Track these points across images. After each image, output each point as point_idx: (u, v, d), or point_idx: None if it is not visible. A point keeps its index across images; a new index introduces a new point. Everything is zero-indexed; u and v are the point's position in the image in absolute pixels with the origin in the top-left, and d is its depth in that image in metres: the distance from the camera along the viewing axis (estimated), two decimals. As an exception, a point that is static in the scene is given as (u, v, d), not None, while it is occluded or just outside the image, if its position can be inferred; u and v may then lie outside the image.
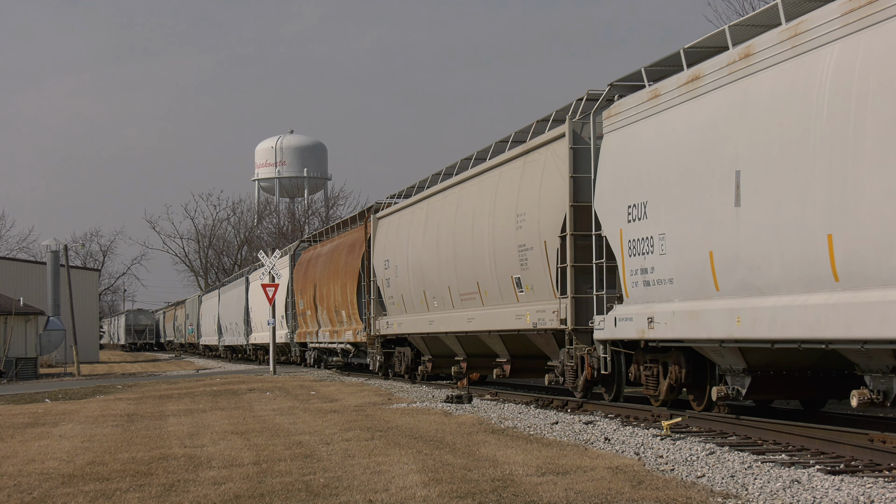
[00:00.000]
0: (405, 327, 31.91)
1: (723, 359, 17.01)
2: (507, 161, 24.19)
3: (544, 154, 22.01)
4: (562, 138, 21.11)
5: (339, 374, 41.67)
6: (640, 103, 18.36)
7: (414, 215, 31.08)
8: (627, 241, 18.42)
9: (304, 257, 48.42)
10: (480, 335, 26.10)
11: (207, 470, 14.16)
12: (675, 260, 17.06)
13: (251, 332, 62.03)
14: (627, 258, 18.48)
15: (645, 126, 18.14)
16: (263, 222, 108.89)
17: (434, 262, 28.59)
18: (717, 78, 16.19)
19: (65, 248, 66.01)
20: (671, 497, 11.17)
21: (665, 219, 17.33)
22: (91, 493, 12.69)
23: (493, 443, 15.90)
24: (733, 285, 15.72)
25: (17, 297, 58.06)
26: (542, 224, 21.64)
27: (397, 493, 11.94)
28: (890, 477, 12.24)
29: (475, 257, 25.39)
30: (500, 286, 23.98)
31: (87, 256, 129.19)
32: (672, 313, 17.15)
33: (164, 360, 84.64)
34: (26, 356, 55.34)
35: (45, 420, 23.70)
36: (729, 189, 15.61)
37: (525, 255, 22.44)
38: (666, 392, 18.51)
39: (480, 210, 25.22)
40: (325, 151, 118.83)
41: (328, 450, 15.73)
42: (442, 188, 28.91)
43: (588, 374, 20.44)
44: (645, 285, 17.94)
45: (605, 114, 19.68)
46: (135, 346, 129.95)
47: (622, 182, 18.73)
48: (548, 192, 21.52)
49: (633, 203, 18.18)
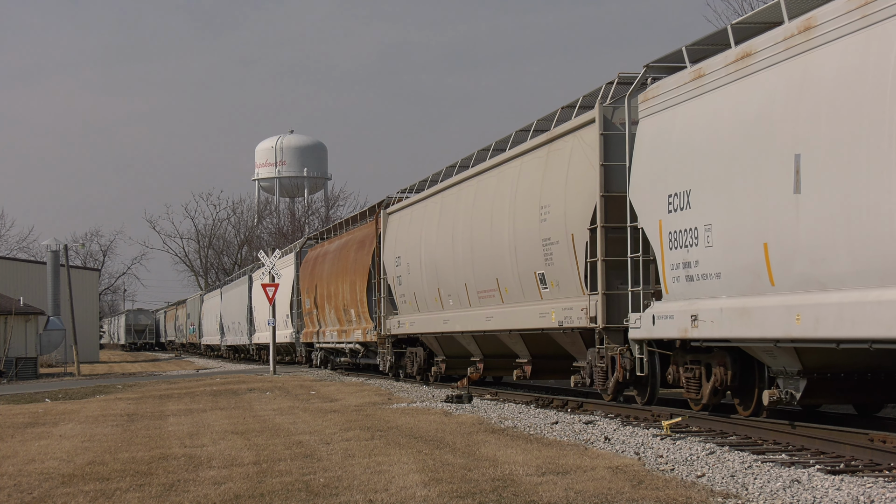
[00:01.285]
0: (418, 327, 30.17)
1: (775, 360, 15.40)
2: (530, 150, 22.39)
3: (571, 142, 20.34)
4: (591, 124, 19.44)
5: (339, 374, 41.07)
6: (681, 84, 16.71)
7: (427, 210, 29.30)
8: (668, 232, 16.76)
9: (311, 255, 46.61)
10: (499, 335, 24.44)
11: (207, 470, 14.04)
12: (724, 253, 15.43)
13: (254, 331, 60.59)
14: (667, 251, 16.81)
15: (687, 109, 16.49)
16: (263, 222, 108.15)
17: (449, 258, 26.88)
18: (772, 54, 14.54)
19: (65, 248, 65.49)
20: (671, 497, 11.06)
21: (712, 208, 15.68)
22: (91, 493, 12.56)
23: (493, 442, 15.72)
24: (792, 280, 14.09)
25: (17, 297, 57.63)
26: (569, 216, 20.02)
27: (397, 492, 11.83)
28: (890, 477, 12.05)
29: (494, 253, 23.72)
30: (522, 283, 22.33)
31: (87, 256, 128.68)
32: (719, 310, 15.51)
33: (164, 360, 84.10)
34: (26, 356, 55.23)
35: (45, 420, 23.46)
36: (787, 175, 13.99)
37: (550, 249, 20.79)
38: (709, 395, 16.84)
39: (500, 203, 23.53)
40: (325, 151, 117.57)
41: (328, 449, 15.58)
42: (457, 181, 27.10)
43: (620, 376, 18.81)
44: (688, 280, 16.31)
45: (641, 97, 17.97)
46: (135, 346, 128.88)
47: (661, 170, 17.07)
48: (575, 182, 19.88)
49: (675, 192, 16.54)
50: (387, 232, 33.20)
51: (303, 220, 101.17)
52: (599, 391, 20.04)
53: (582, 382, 20.65)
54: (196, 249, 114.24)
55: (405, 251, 30.83)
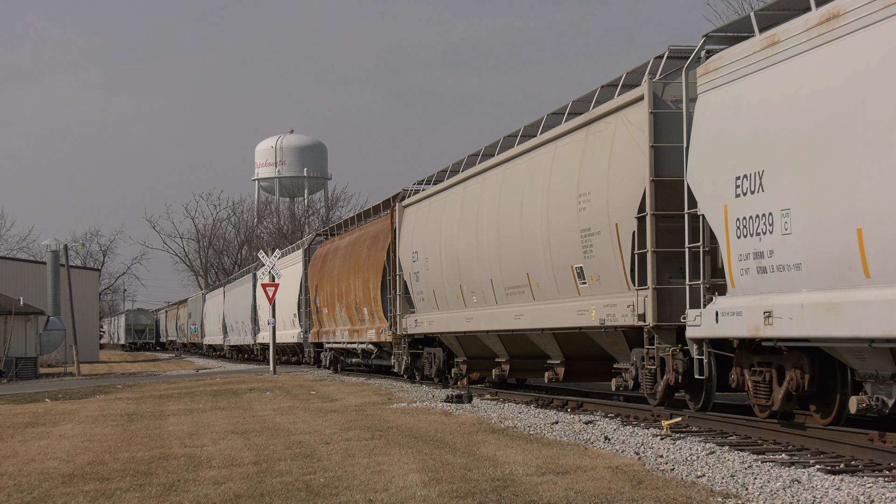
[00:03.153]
0: (437, 326, 27.71)
1: (863, 362, 13.26)
2: (565, 134, 20.12)
3: (614, 122, 18.18)
4: (638, 102, 17.33)
5: (339, 374, 40.29)
6: (750, 53, 14.52)
7: (447, 201, 26.86)
8: (735, 219, 14.59)
9: (320, 252, 44.04)
10: (529, 334, 22.19)
11: (207, 469, 13.86)
12: (805, 241, 13.28)
13: (259, 331, 58.55)
14: (734, 240, 14.64)
15: (758, 81, 14.33)
16: (263, 222, 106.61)
17: (473, 252, 24.56)
18: (867, 14, 12.40)
19: (65, 247, 64.91)
20: (671, 497, 10.87)
21: (790, 191, 13.52)
22: (91, 493, 12.40)
23: (493, 442, 15.52)
24: (891, 271, 12.00)
25: (17, 296, 57.04)
26: (613, 204, 17.87)
27: (397, 492, 11.65)
28: (890, 477, 11.79)
29: (525, 246, 21.45)
30: (557, 278, 20.13)
31: (87, 256, 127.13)
32: (800, 306, 13.35)
33: (164, 360, 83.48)
34: (26, 356, 54.81)
35: (45, 420, 23.21)
36: (887, 152, 11.92)
37: (590, 240, 18.63)
38: (782, 401, 14.64)
39: (531, 192, 21.22)
40: (325, 151, 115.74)
41: (328, 449, 15.39)
42: (481, 169, 24.72)
43: (671, 379, 16.70)
44: (759, 272, 14.16)
45: (701, 70, 15.73)
46: (135, 346, 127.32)
47: (727, 149, 14.90)
48: (619, 167, 17.76)
49: (744, 174, 14.37)
50: (403, 226, 30.80)
51: (303, 220, 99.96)
52: (646, 396, 17.98)
53: (624, 386, 18.65)
54: (196, 249, 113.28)
55: (423, 246, 28.50)
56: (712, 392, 16.64)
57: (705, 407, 16.87)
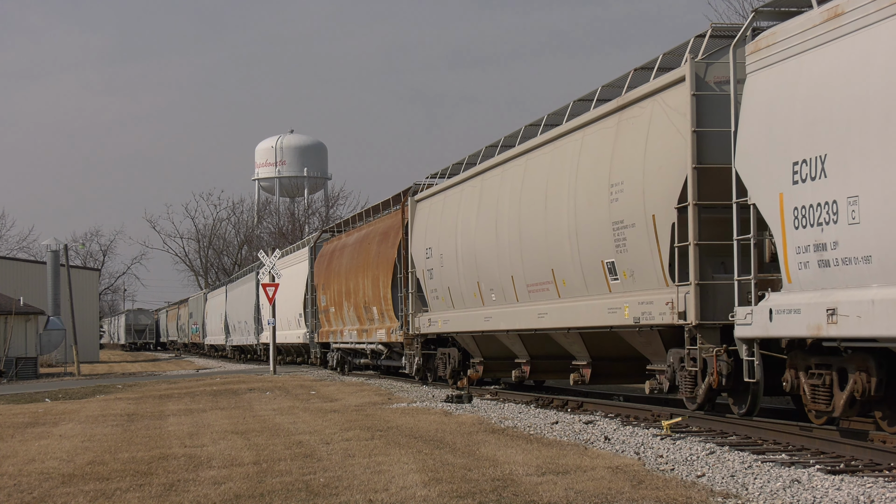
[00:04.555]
0: (452, 325, 26.27)
1: (940, 364, 11.98)
2: (594, 121, 18.77)
3: (650, 107, 16.83)
4: (678, 84, 15.96)
5: (339, 374, 39.59)
6: (809, 27, 13.12)
7: (464, 194, 25.40)
8: (792, 208, 13.20)
9: (327, 249, 42.40)
10: (553, 333, 20.80)
11: (207, 469, 13.77)
12: (877, 231, 11.91)
13: (262, 330, 57.09)
14: (791, 231, 13.26)
15: (819, 57, 12.95)
16: (263, 222, 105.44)
17: (492, 247, 23.11)
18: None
19: (65, 247, 64.21)
20: (671, 497, 10.78)
21: (858, 176, 12.14)
22: (91, 493, 12.33)
23: (493, 442, 15.42)
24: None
25: (17, 296, 56.46)
26: (649, 194, 16.54)
27: (397, 492, 11.56)
28: (890, 477, 11.66)
29: (549, 240, 20.07)
30: (585, 274, 18.79)
31: (87, 256, 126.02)
32: (870, 303, 11.98)
33: (164, 360, 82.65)
34: (26, 356, 54.19)
35: (45, 420, 23.07)
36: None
37: (622, 233, 17.32)
38: (844, 407, 13.24)
39: (556, 183, 19.81)
40: (325, 151, 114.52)
41: (328, 449, 15.30)
42: (500, 161, 23.25)
43: (714, 382, 15.32)
44: (821, 266, 12.78)
45: (751, 47, 14.31)
46: (135, 346, 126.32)
47: (782, 133, 13.50)
48: (656, 154, 16.43)
49: (803, 158, 12.99)
50: (415, 221, 29.26)
51: (303, 220, 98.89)
52: (684, 399, 16.65)
53: (658, 388, 17.31)
54: (196, 249, 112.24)
55: (437, 241, 27.00)
56: (759, 396, 15.24)
57: (751, 412, 15.48)
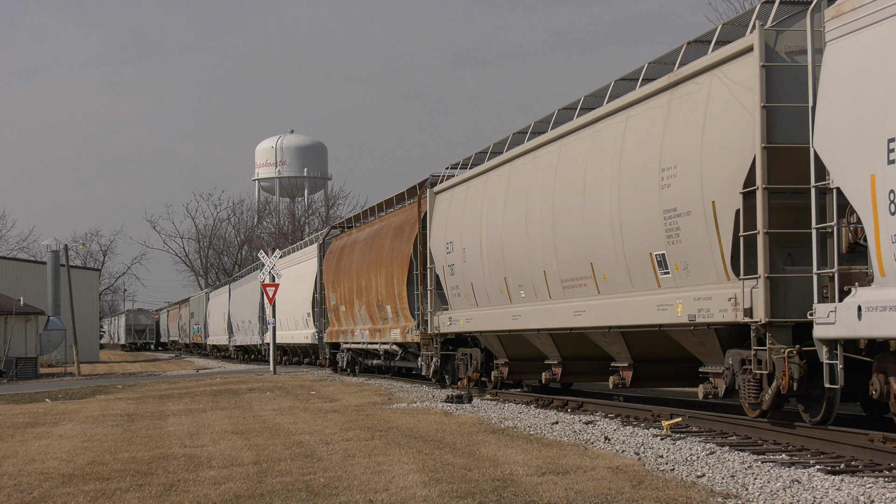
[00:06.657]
0: (475, 324, 24.55)
1: None
2: (640, 101, 17.22)
3: (708, 82, 15.37)
4: (745, 55, 14.51)
5: (339, 374, 39.39)
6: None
7: (489, 185, 23.69)
8: (887, 192, 11.88)
9: (336, 245, 40.94)
10: (591, 333, 19.31)
11: (207, 470, 13.75)
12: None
13: (266, 330, 57.46)
14: (886, 217, 11.92)
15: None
16: (263, 222, 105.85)
17: (521, 240, 21.47)
18: None
19: (65, 247, 64.13)
20: (671, 497, 10.80)
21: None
22: (91, 493, 12.30)
23: (494, 443, 15.41)
24: None
25: (17, 297, 56.56)
26: (708, 178, 15.09)
27: (397, 492, 11.56)
28: (890, 477, 11.58)
29: (588, 232, 18.58)
30: (630, 267, 17.34)
31: (87, 256, 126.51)
32: None
33: (165, 360, 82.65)
34: (26, 356, 54.38)
35: (45, 420, 23.05)
36: None
37: (675, 222, 15.85)
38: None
39: (596, 169, 18.35)
40: (325, 151, 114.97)
41: (328, 449, 15.27)
42: (530, 147, 21.54)
43: (784, 387, 13.97)
44: (924, 256, 11.56)
45: (833, 11, 12.86)
46: (135, 346, 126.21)
47: (874, 106, 12.14)
48: (716, 134, 15.04)
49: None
50: (434, 214, 27.50)
51: (303, 220, 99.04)
52: (746, 405, 15.32)
53: (714, 393, 15.97)
54: (196, 249, 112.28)
55: (459, 235, 25.26)
56: (836, 402, 13.99)
57: (825, 421, 14.21)
